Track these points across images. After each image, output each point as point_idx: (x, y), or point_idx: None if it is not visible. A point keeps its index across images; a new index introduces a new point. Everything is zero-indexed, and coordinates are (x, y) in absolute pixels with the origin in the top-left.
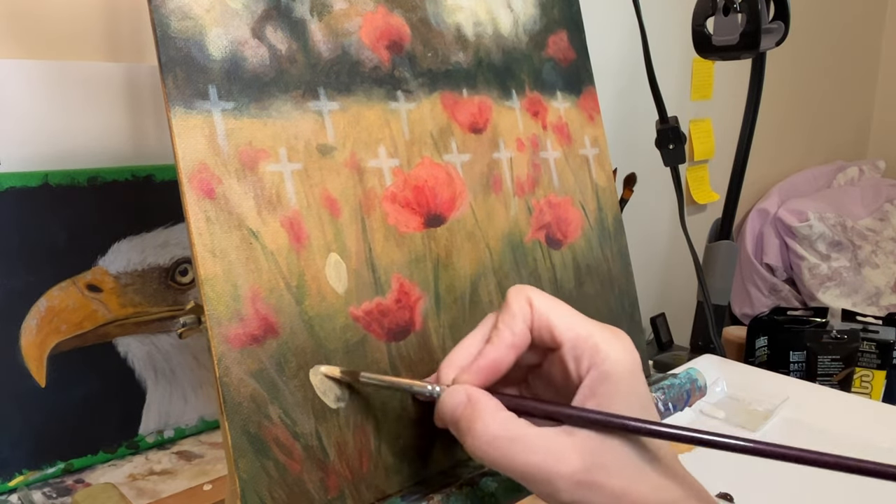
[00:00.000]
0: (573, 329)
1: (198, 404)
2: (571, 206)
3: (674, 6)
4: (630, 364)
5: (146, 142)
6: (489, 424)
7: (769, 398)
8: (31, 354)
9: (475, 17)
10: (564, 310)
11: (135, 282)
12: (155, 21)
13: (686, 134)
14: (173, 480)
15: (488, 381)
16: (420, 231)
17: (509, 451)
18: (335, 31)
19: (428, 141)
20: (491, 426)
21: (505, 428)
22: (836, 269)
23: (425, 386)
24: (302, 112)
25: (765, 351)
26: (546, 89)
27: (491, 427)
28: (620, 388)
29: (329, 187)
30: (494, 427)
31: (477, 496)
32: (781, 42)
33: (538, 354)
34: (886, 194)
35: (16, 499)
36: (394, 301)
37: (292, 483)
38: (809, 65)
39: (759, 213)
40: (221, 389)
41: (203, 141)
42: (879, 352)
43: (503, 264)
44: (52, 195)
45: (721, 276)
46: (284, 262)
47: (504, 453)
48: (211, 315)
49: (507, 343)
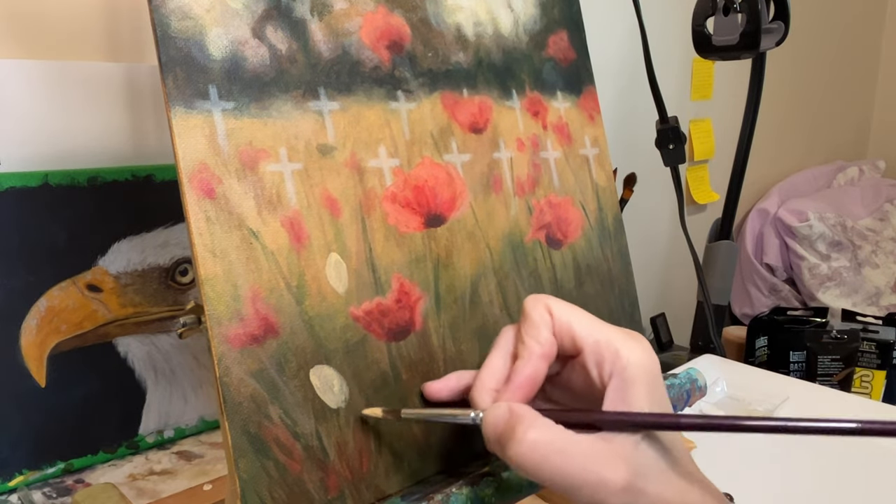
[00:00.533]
0: (593, 335)
1: (198, 404)
2: (571, 206)
3: (674, 6)
4: (650, 367)
5: (146, 142)
6: (529, 429)
7: (769, 398)
8: (31, 354)
9: (475, 17)
10: (583, 315)
11: (135, 282)
12: (155, 21)
13: (686, 134)
14: (173, 480)
15: (528, 397)
16: (420, 231)
17: (553, 457)
18: (335, 31)
19: (428, 141)
20: (531, 431)
21: (547, 433)
22: (836, 269)
23: (468, 414)
24: (302, 112)
25: (765, 351)
26: (546, 89)
27: (531, 432)
28: (645, 392)
29: (329, 187)
30: (535, 433)
31: (477, 496)
32: (781, 42)
33: (558, 363)
34: (886, 194)
35: (16, 499)
36: (394, 301)
37: (292, 483)
38: (809, 65)
39: (759, 213)
40: (221, 389)
41: (203, 141)
42: (879, 352)
43: (503, 264)
44: (52, 195)
45: (721, 276)
46: (285, 262)
47: (547, 459)
48: (211, 315)
49: (537, 355)
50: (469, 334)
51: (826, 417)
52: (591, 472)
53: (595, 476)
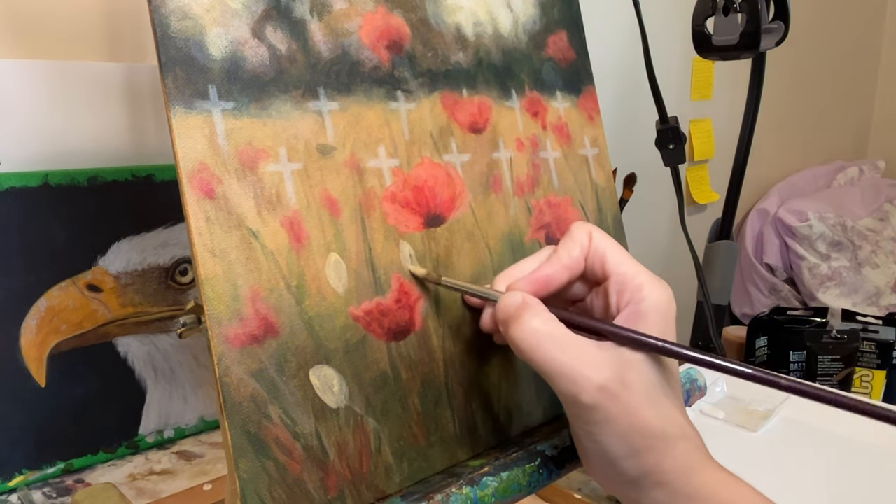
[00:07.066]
0: (623, 265)
1: (198, 404)
2: (571, 206)
3: (674, 6)
4: (666, 309)
5: (146, 142)
6: (534, 317)
7: (769, 398)
8: (31, 354)
9: (475, 17)
10: (619, 249)
11: (135, 282)
12: (155, 21)
13: (686, 134)
14: (173, 480)
15: (539, 293)
16: (420, 231)
17: (546, 344)
18: (335, 31)
19: (428, 141)
20: (535, 319)
21: (548, 324)
22: (836, 269)
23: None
24: (302, 112)
25: (765, 351)
26: (546, 89)
27: (535, 320)
28: (652, 328)
29: (329, 187)
30: (538, 321)
31: (477, 496)
32: (781, 42)
33: (585, 288)
34: (886, 194)
35: (16, 499)
36: (394, 301)
37: (292, 483)
38: (809, 64)
39: (759, 213)
40: (221, 389)
41: (203, 141)
42: (879, 352)
43: (503, 264)
44: (52, 195)
45: (721, 276)
46: (284, 262)
47: (541, 344)
48: (211, 315)
49: (562, 263)
50: (469, 334)
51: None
52: (574, 366)
53: (577, 371)
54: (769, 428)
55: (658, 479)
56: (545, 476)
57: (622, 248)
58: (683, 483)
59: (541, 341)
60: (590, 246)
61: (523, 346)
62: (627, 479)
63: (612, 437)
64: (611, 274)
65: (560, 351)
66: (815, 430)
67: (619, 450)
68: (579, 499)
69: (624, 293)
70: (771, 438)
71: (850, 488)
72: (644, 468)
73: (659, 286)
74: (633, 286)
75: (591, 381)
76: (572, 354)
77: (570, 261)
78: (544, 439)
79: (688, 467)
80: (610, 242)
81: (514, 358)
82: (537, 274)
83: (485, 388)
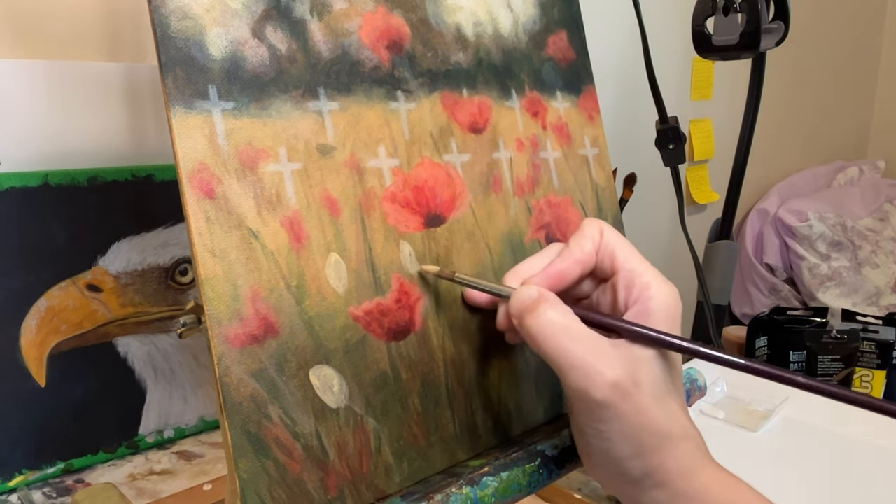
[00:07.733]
0: (631, 261)
1: (198, 404)
2: (571, 206)
3: (674, 6)
4: (673, 308)
5: (146, 142)
6: (550, 309)
7: (769, 398)
8: (31, 354)
9: (475, 17)
10: (629, 245)
11: (135, 282)
12: (155, 21)
13: (686, 134)
14: (173, 480)
15: (553, 288)
16: (420, 231)
17: (561, 336)
18: (335, 31)
19: (428, 141)
20: (552, 311)
21: (565, 317)
22: (836, 269)
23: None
24: (302, 112)
25: (765, 351)
26: (546, 89)
27: (551, 312)
28: (660, 326)
29: (329, 187)
30: (555, 313)
31: (477, 496)
32: (781, 42)
33: (592, 285)
34: (886, 194)
35: (16, 499)
36: (394, 301)
37: (292, 483)
38: (809, 64)
39: (759, 213)
40: (221, 389)
41: (203, 141)
42: (879, 352)
43: (503, 264)
44: (52, 195)
45: (721, 276)
46: (284, 262)
47: (556, 336)
48: (211, 315)
49: (575, 258)
50: (469, 334)
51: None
52: (588, 360)
53: (590, 365)
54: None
55: (660, 479)
56: (545, 476)
57: (631, 245)
58: (685, 484)
59: (556, 333)
60: (601, 241)
61: (538, 338)
62: (630, 479)
63: (619, 435)
64: (619, 270)
65: (574, 344)
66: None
67: (625, 449)
68: (579, 499)
69: (632, 290)
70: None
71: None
72: (647, 468)
73: (667, 286)
74: (641, 283)
75: (604, 377)
76: (586, 349)
77: (582, 255)
78: (544, 439)
79: (689, 468)
80: (619, 239)
81: (514, 358)
82: (550, 269)
83: (485, 388)
